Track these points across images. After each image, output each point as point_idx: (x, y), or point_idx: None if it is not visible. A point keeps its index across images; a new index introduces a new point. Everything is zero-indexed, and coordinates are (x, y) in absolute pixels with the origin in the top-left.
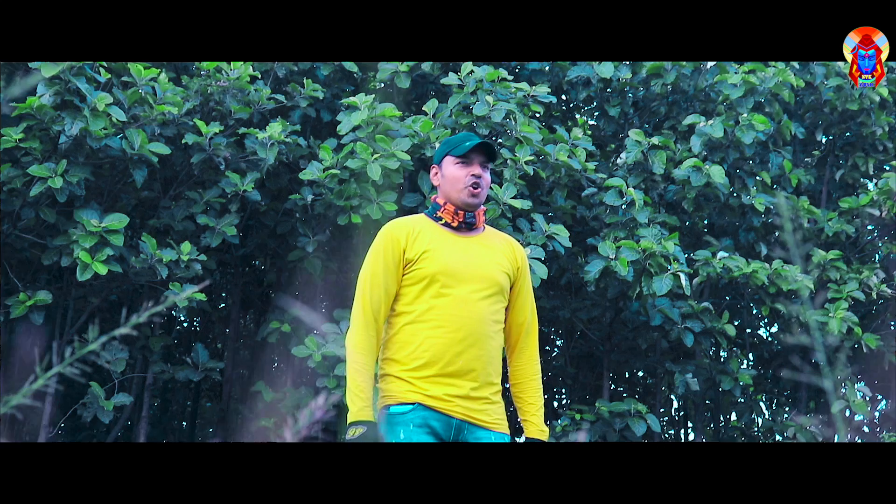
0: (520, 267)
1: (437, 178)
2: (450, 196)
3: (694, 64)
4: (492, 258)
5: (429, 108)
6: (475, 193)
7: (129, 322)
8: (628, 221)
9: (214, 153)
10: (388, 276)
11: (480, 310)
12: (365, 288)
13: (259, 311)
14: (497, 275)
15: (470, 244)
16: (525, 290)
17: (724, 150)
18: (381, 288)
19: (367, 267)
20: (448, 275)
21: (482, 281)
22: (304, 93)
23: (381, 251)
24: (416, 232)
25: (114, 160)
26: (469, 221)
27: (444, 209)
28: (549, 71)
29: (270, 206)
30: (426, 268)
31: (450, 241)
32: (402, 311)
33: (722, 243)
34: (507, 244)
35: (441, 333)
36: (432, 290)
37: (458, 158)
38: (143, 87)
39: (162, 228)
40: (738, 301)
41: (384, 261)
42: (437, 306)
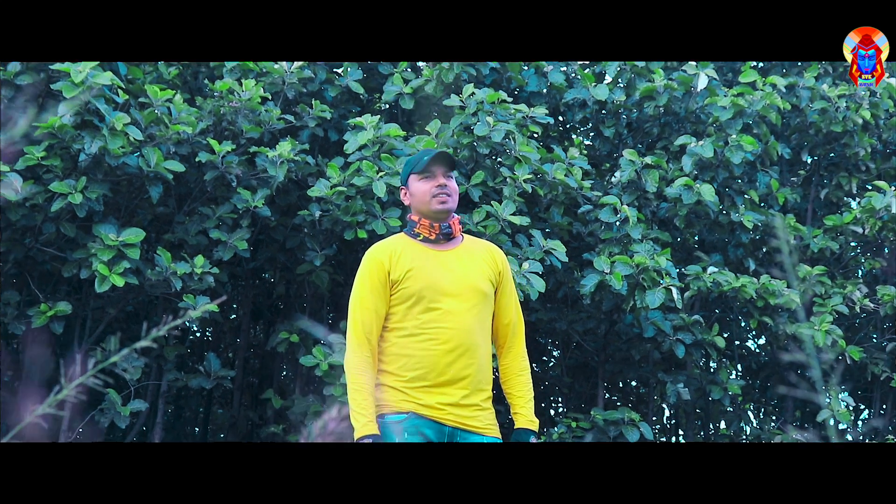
0: (501, 271)
1: (407, 198)
2: (421, 211)
3: (685, 87)
4: (474, 268)
5: (432, 129)
6: (443, 201)
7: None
8: (622, 237)
9: (227, 171)
10: (376, 298)
11: (468, 321)
12: (356, 312)
13: (268, 321)
14: (481, 284)
15: (451, 257)
16: (508, 292)
17: (714, 170)
18: (370, 311)
19: (355, 292)
20: (433, 290)
21: (467, 292)
22: (312, 113)
23: (367, 276)
24: (398, 253)
25: (131, 177)
26: (446, 231)
27: (420, 224)
28: (546, 93)
29: (280, 221)
30: (411, 286)
31: (431, 257)
32: (393, 327)
33: (712, 259)
34: (487, 251)
35: (431, 346)
36: (420, 307)
37: (421, 174)
38: (158, 108)
39: (176, 242)
40: (727, 314)
41: (371, 285)
42: (426, 321)
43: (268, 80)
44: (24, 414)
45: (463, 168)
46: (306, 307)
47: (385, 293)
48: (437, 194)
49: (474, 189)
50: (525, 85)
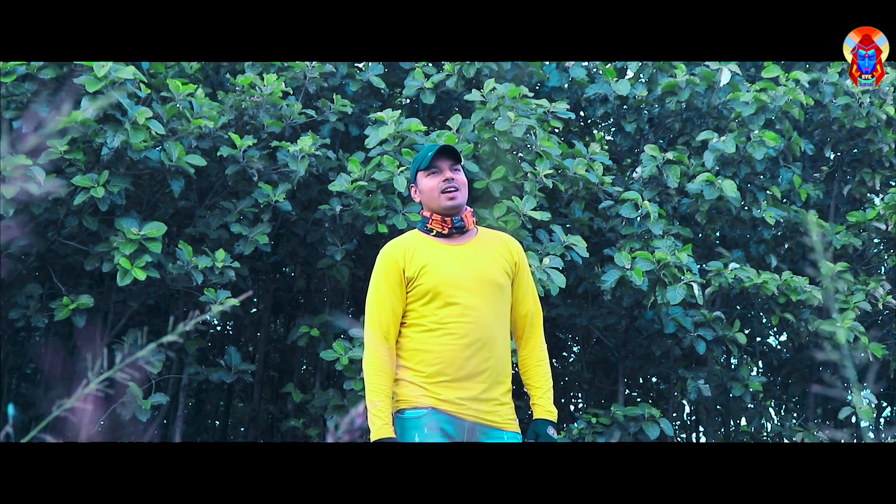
0: (517, 261)
1: (416, 195)
2: (431, 207)
3: (707, 82)
4: (489, 260)
5: (453, 123)
6: (452, 196)
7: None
8: (643, 233)
9: (248, 165)
10: (392, 296)
11: (486, 314)
12: (373, 311)
13: (289, 315)
14: (497, 276)
15: (466, 251)
16: (525, 281)
17: (736, 166)
18: (387, 309)
19: (372, 291)
20: (450, 285)
21: (483, 285)
22: (333, 108)
23: (383, 274)
24: (412, 249)
25: (153, 171)
26: (458, 225)
27: (432, 220)
28: (567, 88)
29: (301, 215)
30: (427, 282)
31: (446, 252)
32: (411, 323)
33: (733, 255)
34: (501, 242)
35: (450, 341)
36: (437, 302)
37: (428, 170)
38: (180, 102)
39: (198, 236)
40: (748, 311)
41: (386, 283)
42: (444, 316)
43: (289, 74)
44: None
45: (484, 163)
46: (326, 301)
47: (401, 291)
48: (445, 189)
49: (495, 184)
50: (546, 80)
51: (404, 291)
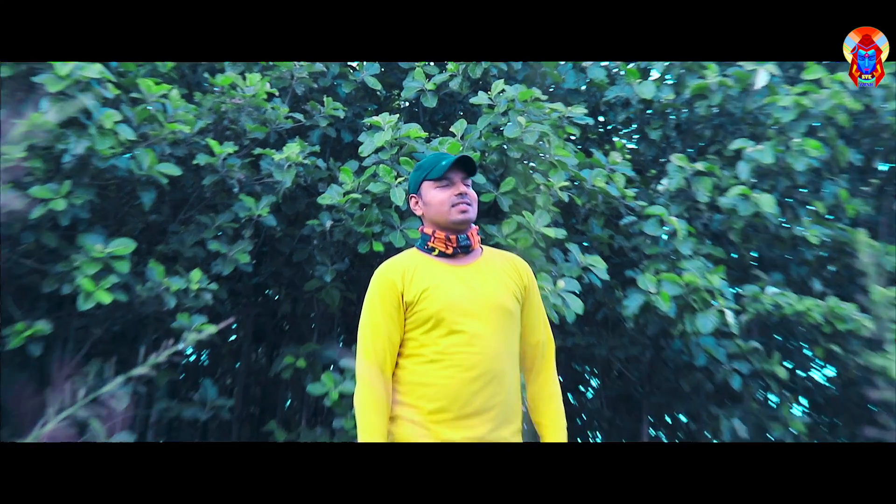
0: (527, 285)
1: (418, 208)
2: (438, 222)
3: (742, 84)
4: (497, 283)
5: (457, 129)
6: (464, 210)
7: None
8: (670, 253)
9: (227, 175)
10: (389, 323)
11: (494, 344)
12: (367, 340)
13: (272, 344)
14: (506, 301)
15: (471, 273)
16: (536, 307)
17: (775, 178)
18: (383, 338)
19: (365, 317)
20: (454, 311)
21: (492, 312)
22: (323, 111)
23: (379, 298)
24: (411, 271)
25: (120, 181)
26: (464, 244)
27: (435, 238)
28: (585, 91)
29: (286, 231)
30: (429, 307)
31: (449, 274)
32: (410, 353)
33: (772, 278)
34: (510, 263)
35: (454, 374)
36: (440, 330)
37: (438, 181)
38: (152, 104)
39: (170, 255)
40: (789, 341)
41: (383, 308)
42: (448, 346)
43: (274, 74)
44: None
45: (491, 174)
46: (314, 328)
47: (399, 317)
48: (457, 203)
49: (504, 197)
50: (561, 81)
51: (402, 318)
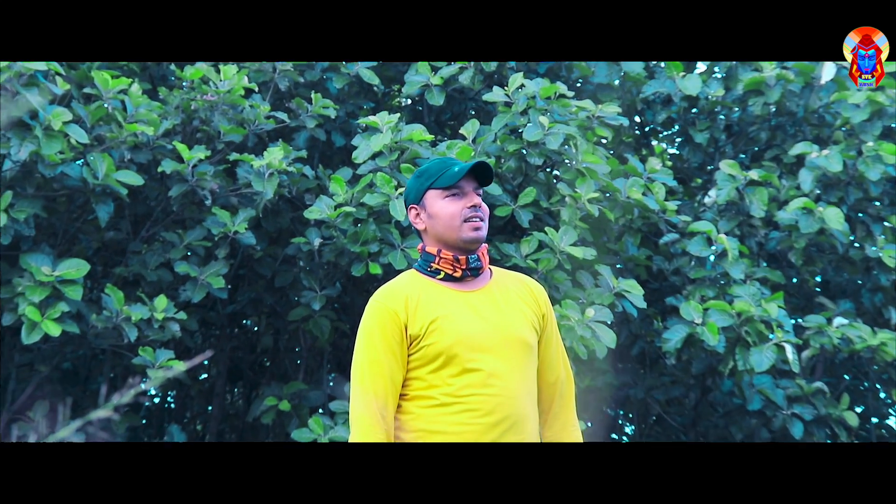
0: (545, 313)
1: (419, 221)
2: (444, 239)
3: (805, 78)
4: (513, 311)
5: (467, 132)
6: (477, 227)
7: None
8: (719, 277)
9: (198, 185)
10: (391, 361)
11: (514, 385)
12: (364, 381)
13: (250, 383)
14: (524, 332)
15: (483, 299)
16: (555, 339)
17: (843, 189)
18: (384, 378)
19: (361, 353)
20: (468, 346)
21: (510, 346)
22: (311, 110)
23: (378, 331)
24: (415, 299)
25: (72, 192)
26: (475, 266)
27: (441, 259)
28: (619, 86)
29: (267, 251)
30: (439, 342)
31: (459, 302)
32: (415, 395)
33: (840, 307)
34: (524, 287)
35: (469, 419)
36: (452, 369)
37: (447, 190)
38: (110, 102)
39: (131, 278)
40: (860, 381)
41: (384, 343)
42: (462, 387)
43: (253, 66)
44: None
45: (508, 184)
46: (300, 365)
47: (402, 354)
48: (469, 217)
49: (523, 211)
50: (591, 75)
51: (406, 354)
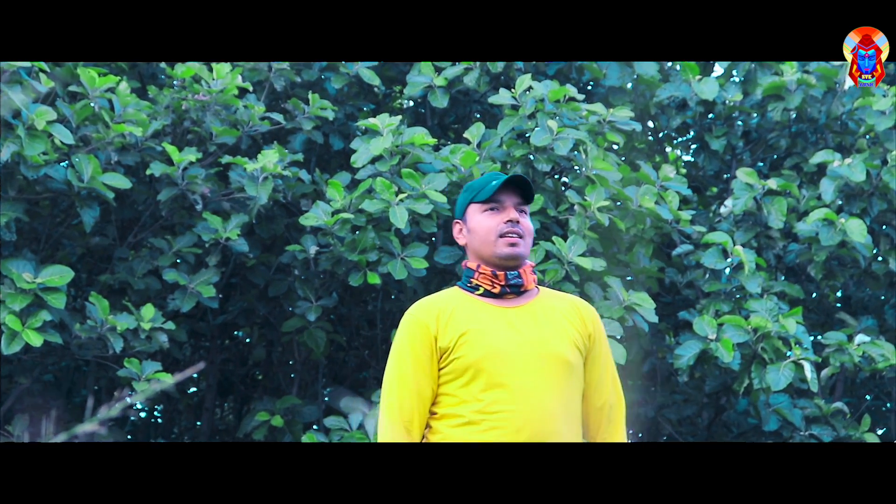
0: (592, 333)
1: (462, 237)
2: (482, 254)
3: (827, 83)
4: (555, 328)
5: (472, 136)
6: (513, 242)
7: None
8: (734, 290)
9: (189, 189)
10: (419, 375)
11: (547, 402)
12: (391, 396)
13: (242, 397)
14: (564, 349)
15: (521, 315)
16: (602, 362)
17: (867, 199)
18: (411, 392)
19: (391, 367)
20: (498, 360)
21: (545, 362)
22: (308, 111)
23: (408, 344)
24: (447, 312)
25: (56, 195)
26: (514, 283)
27: (480, 274)
28: (631, 90)
29: (261, 259)
30: (467, 355)
31: (495, 317)
32: (444, 413)
33: (862, 324)
34: (572, 307)
35: (498, 437)
36: (480, 383)
37: (486, 204)
38: (96, 100)
39: (117, 286)
40: (882, 402)
41: (413, 356)
42: (490, 403)
43: (248, 64)
44: None
45: None
46: (294, 378)
47: (432, 368)
48: (505, 232)
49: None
50: (602, 77)
51: (436, 368)
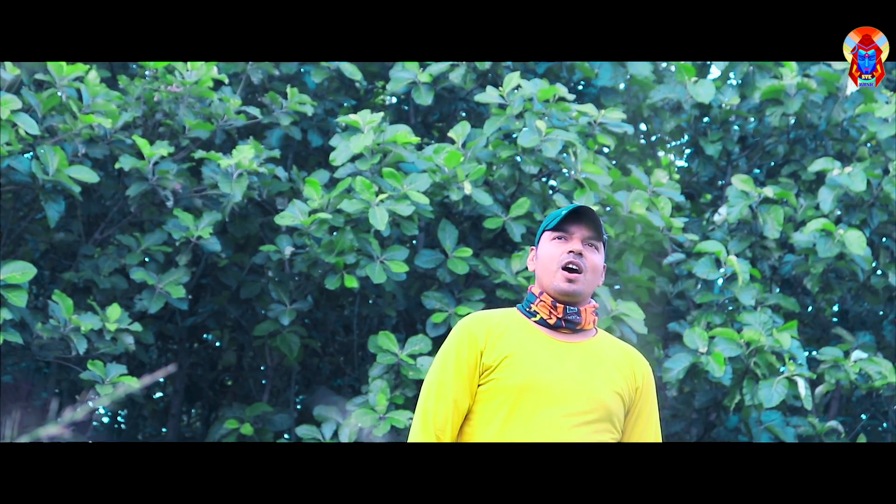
0: (639, 387)
1: (532, 263)
2: (543, 282)
3: (828, 87)
4: (601, 373)
5: (457, 135)
6: (571, 278)
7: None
8: (727, 302)
9: (159, 184)
10: (459, 385)
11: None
12: (428, 400)
13: (210, 403)
14: (605, 395)
15: (572, 351)
16: (645, 418)
17: (867, 210)
18: (448, 401)
19: (434, 372)
20: (536, 390)
21: (583, 401)
22: (286, 106)
23: (454, 352)
24: (500, 329)
25: (18, 188)
26: (571, 319)
27: (540, 301)
28: (624, 91)
29: (233, 259)
30: (508, 378)
31: (544, 346)
32: (471, 436)
33: (859, 339)
34: (625, 356)
35: None
36: (514, 411)
37: (555, 233)
38: (64, 89)
39: (81, 285)
40: (879, 421)
41: (456, 365)
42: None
43: None
44: None
45: (500, 193)
46: (266, 385)
47: (472, 382)
48: (566, 263)
49: (515, 224)
50: (594, 77)
51: (476, 382)
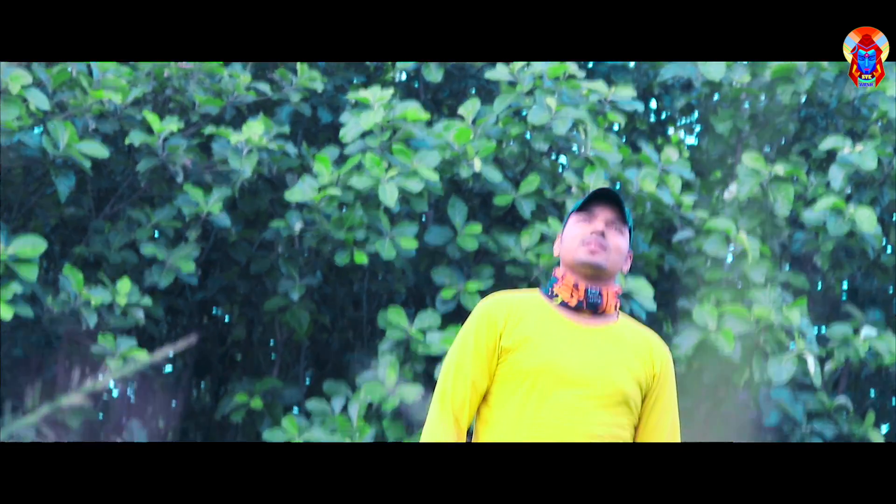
0: (657, 374)
1: (557, 248)
2: (566, 261)
3: (839, 66)
4: (619, 357)
5: (467, 112)
6: (593, 250)
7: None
8: (737, 279)
9: (169, 160)
10: (478, 366)
11: (593, 422)
12: (447, 380)
13: (219, 378)
14: (622, 380)
15: (592, 336)
16: (661, 406)
17: (877, 188)
18: (466, 381)
19: (452, 352)
20: (553, 373)
21: (600, 385)
22: (296, 82)
23: (473, 334)
24: (519, 312)
25: (29, 163)
26: (592, 301)
27: (562, 283)
28: (634, 68)
29: (243, 235)
30: (525, 361)
31: (564, 330)
32: (487, 417)
33: (868, 317)
34: (645, 342)
35: None
36: (531, 393)
37: (579, 214)
38: (74, 65)
39: (92, 259)
40: (887, 398)
41: (475, 347)
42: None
43: None
44: None
45: (510, 170)
46: (275, 360)
47: (490, 364)
48: (588, 241)
49: (525, 200)
50: None
51: (494, 364)
